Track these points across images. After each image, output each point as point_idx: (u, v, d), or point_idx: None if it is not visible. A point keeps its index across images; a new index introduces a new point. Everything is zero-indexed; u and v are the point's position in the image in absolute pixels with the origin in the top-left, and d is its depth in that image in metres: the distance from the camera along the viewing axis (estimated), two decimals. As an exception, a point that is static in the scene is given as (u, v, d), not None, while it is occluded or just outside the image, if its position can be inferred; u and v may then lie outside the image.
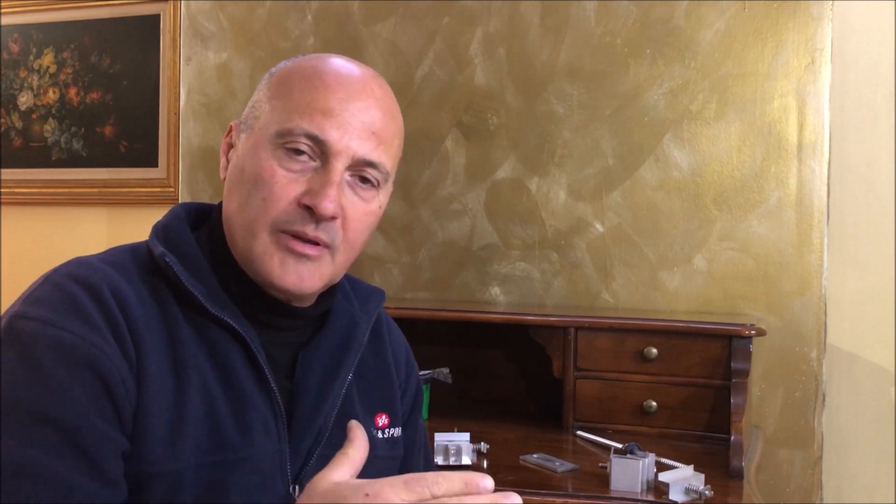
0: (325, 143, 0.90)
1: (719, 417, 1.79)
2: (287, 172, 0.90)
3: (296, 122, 0.90)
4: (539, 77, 2.21)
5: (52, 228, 2.97)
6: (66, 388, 0.79)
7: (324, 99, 0.91)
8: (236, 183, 0.94)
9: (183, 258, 0.92)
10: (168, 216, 0.99)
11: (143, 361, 0.85)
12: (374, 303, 1.07)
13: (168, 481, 0.84)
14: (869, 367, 2.11)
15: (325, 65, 0.95)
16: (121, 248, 0.96)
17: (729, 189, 2.08)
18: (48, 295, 0.85)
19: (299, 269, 0.91)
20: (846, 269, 2.12)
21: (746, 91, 2.07)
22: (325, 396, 0.97)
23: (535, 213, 2.21)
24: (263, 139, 0.92)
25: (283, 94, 0.93)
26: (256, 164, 0.92)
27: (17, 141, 3.02)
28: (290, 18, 2.41)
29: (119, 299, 0.86)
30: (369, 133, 0.92)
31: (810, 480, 2.01)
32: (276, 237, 0.91)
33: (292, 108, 0.91)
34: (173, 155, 2.79)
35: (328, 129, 0.90)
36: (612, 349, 1.89)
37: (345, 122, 0.91)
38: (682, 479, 1.42)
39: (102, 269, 0.88)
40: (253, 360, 0.92)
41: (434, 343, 2.08)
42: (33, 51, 3.00)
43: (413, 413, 1.14)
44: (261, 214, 0.90)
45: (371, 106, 0.93)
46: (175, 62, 2.77)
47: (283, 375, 0.96)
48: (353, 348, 1.01)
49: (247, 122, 0.97)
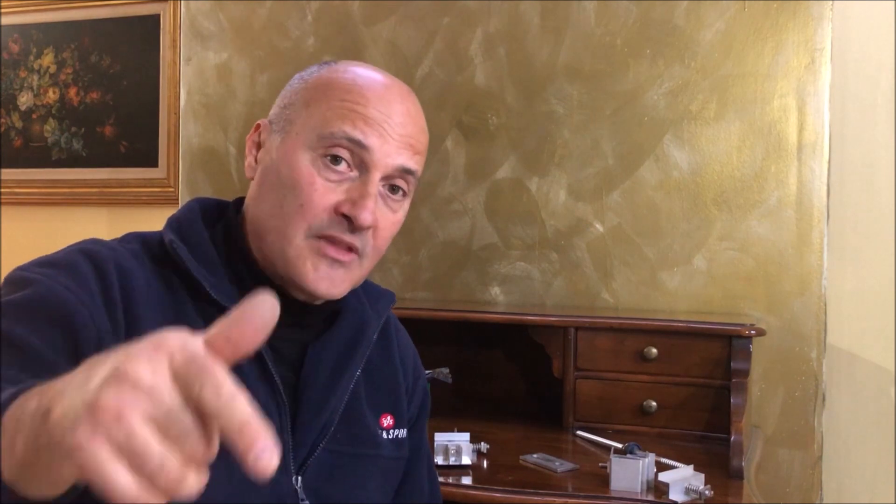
0: (367, 149, 0.92)
1: (719, 417, 1.79)
2: (326, 181, 0.92)
3: (338, 125, 0.92)
4: (539, 77, 2.21)
5: (52, 228, 2.97)
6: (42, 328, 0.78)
7: (365, 107, 0.93)
8: (270, 187, 0.94)
9: (192, 248, 0.93)
10: (182, 210, 1.00)
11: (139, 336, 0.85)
12: (385, 304, 1.08)
13: None
14: (869, 367, 2.11)
15: (364, 75, 0.96)
16: (133, 235, 0.97)
17: (729, 189, 2.08)
18: (53, 259, 0.87)
19: (332, 273, 0.93)
20: (846, 269, 2.12)
21: (746, 91, 2.07)
22: (333, 390, 0.97)
23: (535, 213, 2.21)
24: (301, 144, 0.93)
25: (324, 99, 0.94)
26: (295, 169, 0.92)
27: (17, 141, 3.02)
28: (290, 18, 2.41)
29: (123, 277, 0.87)
30: (407, 143, 0.95)
31: (810, 480, 2.01)
32: (311, 242, 0.92)
33: (334, 113, 0.93)
34: (173, 155, 2.79)
35: (370, 135, 0.92)
36: (612, 349, 1.89)
37: (385, 131, 0.93)
38: (682, 479, 1.42)
39: (114, 249, 0.90)
40: (256, 353, 0.92)
41: (434, 343, 2.08)
42: (33, 51, 3.00)
43: (420, 418, 1.14)
44: (298, 219, 0.91)
45: (409, 118, 0.95)
46: (175, 62, 2.77)
47: (290, 370, 0.97)
48: (363, 345, 1.02)
49: (279, 123, 0.97)
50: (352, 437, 1.00)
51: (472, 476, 1.52)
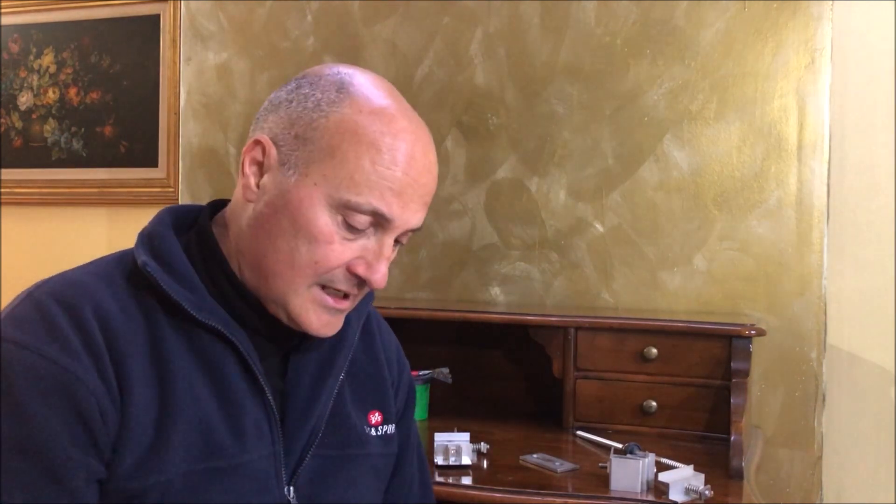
0: (390, 221, 0.91)
1: (719, 417, 1.78)
2: (344, 240, 0.90)
3: (365, 196, 0.88)
4: (539, 77, 2.21)
5: (52, 228, 2.97)
6: (41, 418, 0.80)
7: (393, 177, 0.89)
8: (281, 231, 0.91)
9: (167, 266, 0.91)
10: (153, 222, 0.98)
11: (125, 380, 0.85)
12: (365, 302, 1.07)
13: (157, 493, 0.84)
14: (869, 367, 2.11)
15: (397, 134, 0.90)
16: (109, 258, 0.95)
17: (729, 189, 2.08)
18: (27, 314, 0.85)
19: (332, 320, 0.95)
20: (846, 269, 2.12)
21: (746, 91, 2.07)
22: (318, 397, 0.97)
23: (535, 213, 2.21)
24: (323, 197, 0.89)
25: (352, 154, 0.89)
26: (313, 224, 0.89)
27: (17, 141, 3.02)
28: (290, 18, 2.41)
29: (101, 318, 0.86)
30: (424, 204, 0.94)
31: (810, 480, 2.01)
32: (316, 292, 0.92)
33: (363, 180, 0.88)
34: (173, 155, 2.79)
35: (396, 207, 0.90)
36: (612, 349, 1.89)
37: (410, 200, 0.91)
38: (682, 479, 1.42)
39: (85, 285, 0.88)
40: (244, 365, 0.92)
41: (434, 343, 2.08)
42: (33, 51, 3.00)
43: (406, 410, 1.15)
44: (309, 273, 0.91)
45: (427, 176, 0.93)
46: (175, 62, 2.77)
47: (276, 377, 0.97)
48: (345, 348, 1.02)
49: (292, 158, 0.91)
50: (339, 439, 1.00)
51: (472, 476, 1.52)
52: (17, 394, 0.81)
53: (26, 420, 0.80)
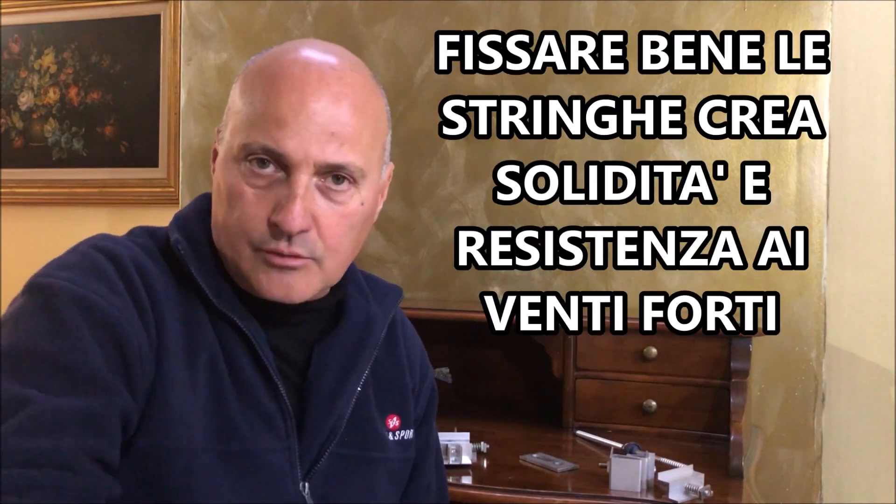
0: (284, 156, 0.86)
1: (719, 417, 1.79)
2: (255, 190, 0.88)
3: (252, 136, 0.87)
4: (539, 77, 2.21)
5: (52, 228, 2.97)
6: (84, 340, 0.79)
7: (276, 107, 0.86)
8: (217, 197, 0.92)
9: (195, 251, 0.92)
10: (190, 206, 0.98)
11: (163, 336, 0.85)
12: (392, 300, 1.06)
13: (184, 459, 0.83)
14: (869, 367, 2.11)
15: (285, 64, 0.89)
16: (141, 230, 0.96)
17: (729, 189, 2.08)
18: (74, 261, 0.85)
19: (285, 279, 0.89)
20: (846, 269, 2.12)
21: (746, 90, 2.07)
22: (340, 394, 0.95)
23: (535, 213, 2.21)
24: (229, 154, 0.90)
25: (246, 100, 0.90)
26: (229, 180, 0.89)
27: (18, 141, 3.02)
28: (290, 18, 2.41)
29: (142, 273, 0.86)
30: (328, 135, 0.87)
31: (810, 480, 2.01)
32: (258, 255, 0.89)
33: (251, 120, 0.88)
34: (173, 155, 2.79)
35: (283, 140, 0.86)
36: (612, 349, 1.89)
37: (300, 129, 0.86)
38: (681, 478, 1.42)
39: (127, 244, 0.89)
40: (258, 359, 0.91)
41: (434, 343, 2.07)
42: (33, 51, 3.00)
43: (427, 416, 1.12)
44: (240, 234, 0.89)
45: (328, 105, 0.88)
46: (175, 62, 2.77)
47: (297, 372, 0.95)
48: (370, 345, 0.99)
49: (222, 129, 0.94)
50: (360, 439, 0.98)
51: (472, 476, 1.52)
52: (63, 318, 0.79)
53: (70, 341, 0.78)
